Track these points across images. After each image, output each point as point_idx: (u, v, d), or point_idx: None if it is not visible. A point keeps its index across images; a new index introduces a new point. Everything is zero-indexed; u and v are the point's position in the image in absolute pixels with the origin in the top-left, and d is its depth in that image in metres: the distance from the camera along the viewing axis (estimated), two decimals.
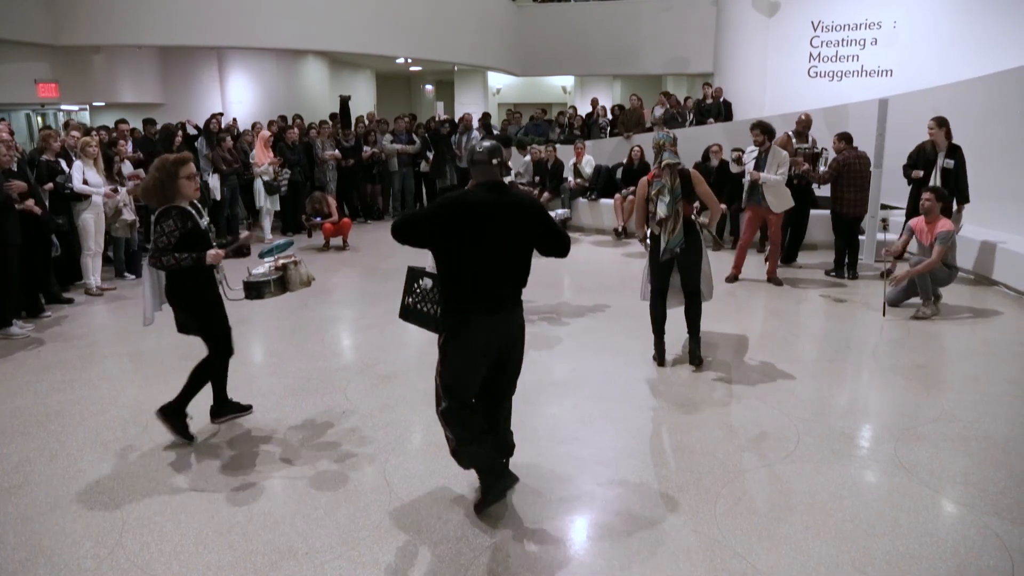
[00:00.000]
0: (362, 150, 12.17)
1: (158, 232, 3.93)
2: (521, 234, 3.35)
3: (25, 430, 4.47)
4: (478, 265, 3.25)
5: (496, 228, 3.24)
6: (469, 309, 3.28)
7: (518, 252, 3.37)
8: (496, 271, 3.29)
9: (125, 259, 8.45)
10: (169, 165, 3.98)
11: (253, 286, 4.24)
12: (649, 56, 16.83)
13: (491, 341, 3.34)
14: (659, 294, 5.41)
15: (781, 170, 7.48)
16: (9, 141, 6.66)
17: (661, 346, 5.49)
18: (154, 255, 3.94)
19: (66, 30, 12.30)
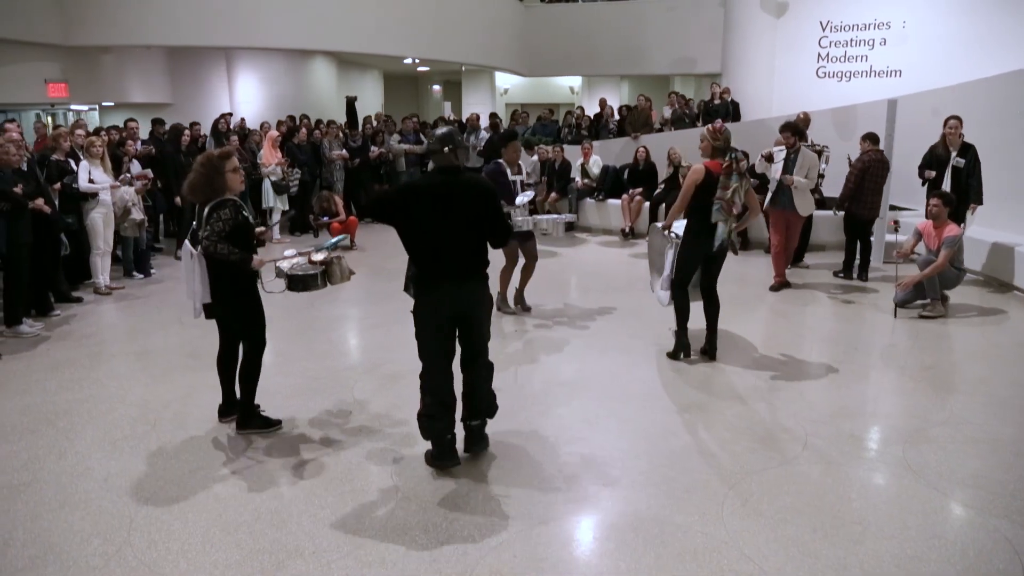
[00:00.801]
0: (369, 150, 12.19)
1: (215, 219, 3.99)
2: (469, 213, 3.71)
3: (34, 428, 4.49)
4: (430, 239, 3.70)
5: (445, 207, 3.67)
6: (425, 278, 3.77)
7: (467, 228, 3.73)
8: (446, 245, 3.69)
9: (134, 258, 8.48)
10: (215, 160, 4.06)
11: (299, 279, 4.28)
12: (656, 56, 16.80)
13: (445, 305, 3.74)
14: (682, 286, 5.44)
15: (810, 173, 7.39)
16: (19, 141, 6.70)
17: (686, 339, 5.54)
18: (208, 240, 3.98)
19: (76, 30, 12.35)
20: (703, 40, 15.96)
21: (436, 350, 3.82)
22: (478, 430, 4.04)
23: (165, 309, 7.18)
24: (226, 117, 11.41)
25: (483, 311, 3.91)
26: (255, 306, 4.28)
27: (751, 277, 8.48)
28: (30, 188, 6.40)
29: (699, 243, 5.26)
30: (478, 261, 3.82)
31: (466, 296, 3.78)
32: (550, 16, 17.80)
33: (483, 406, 4.04)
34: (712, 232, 5.19)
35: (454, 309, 3.77)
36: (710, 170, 5.16)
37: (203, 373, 5.38)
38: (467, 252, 3.76)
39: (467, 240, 3.75)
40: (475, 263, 3.80)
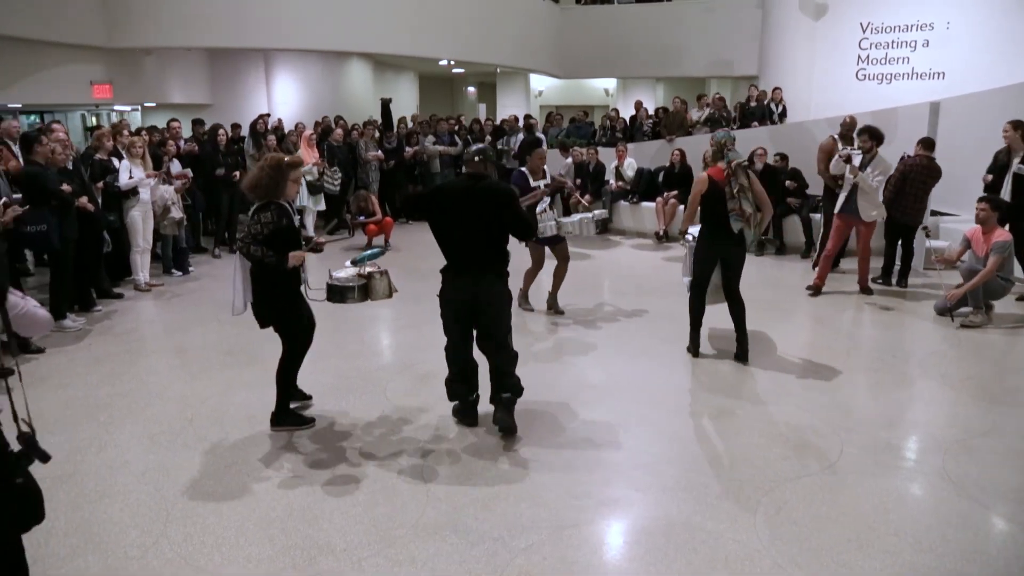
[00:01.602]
0: (404, 151, 12.28)
1: (254, 221, 4.07)
2: (487, 214, 4.13)
3: (76, 421, 4.59)
4: (453, 235, 4.19)
5: (465, 208, 4.13)
6: (449, 268, 4.27)
7: (485, 227, 4.15)
8: (465, 241, 4.16)
9: (173, 256, 8.64)
10: (284, 167, 4.16)
11: (336, 289, 4.36)
12: (692, 58, 16.67)
13: (462, 295, 4.21)
14: (698, 286, 5.57)
15: (880, 178, 7.21)
16: (66, 141, 6.86)
17: (697, 339, 5.70)
18: (244, 240, 4.08)
19: (120, 33, 12.62)
20: (740, 42, 15.80)
21: (455, 330, 4.34)
22: (507, 403, 4.35)
23: (203, 307, 7.30)
24: (264, 118, 11.56)
25: (499, 302, 4.27)
26: (296, 309, 4.34)
27: (786, 281, 8.38)
28: (75, 187, 6.55)
29: (711, 246, 5.43)
30: (495, 257, 4.23)
31: (483, 288, 4.19)
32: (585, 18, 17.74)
33: (508, 383, 4.36)
34: (722, 236, 5.32)
35: (471, 298, 4.20)
36: (712, 177, 5.31)
37: (239, 370, 5.47)
38: (485, 248, 4.18)
39: (485, 238, 4.17)
40: (492, 259, 4.22)
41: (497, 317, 4.28)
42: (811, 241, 9.47)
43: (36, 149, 6.32)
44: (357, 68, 17.01)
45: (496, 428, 4.34)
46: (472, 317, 4.28)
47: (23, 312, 2.42)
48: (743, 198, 5.20)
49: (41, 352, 5.85)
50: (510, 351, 4.37)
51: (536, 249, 6.70)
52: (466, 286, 4.19)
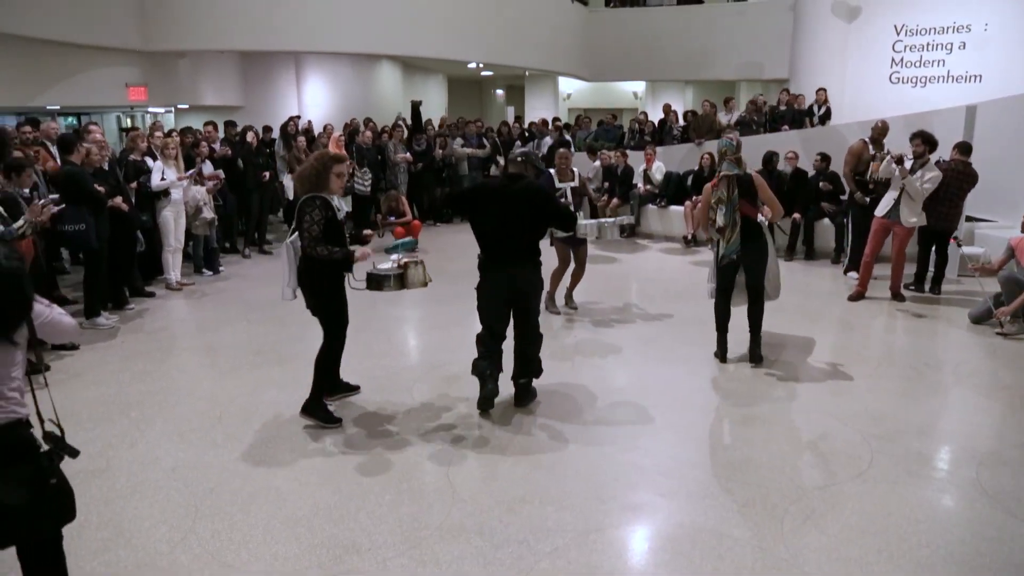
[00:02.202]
0: (433, 153, 12.34)
1: (307, 221, 4.22)
2: (522, 211, 4.44)
3: (109, 417, 4.67)
4: (491, 230, 4.52)
5: (504, 205, 4.45)
6: (487, 260, 4.58)
7: (520, 224, 4.47)
8: (500, 236, 4.48)
9: (204, 256, 8.76)
10: (328, 160, 4.37)
11: (374, 278, 4.57)
12: (722, 61, 16.55)
13: (499, 285, 4.53)
14: (722, 292, 5.62)
15: (928, 186, 7.07)
16: (102, 142, 6.99)
17: (724, 343, 5.68)
18: (308, 244, 4.22)
19: (155, 36, 12.84)
20: (771, 44, 15.64)
21: (492, 318, 4.62)
22: (524, 387, 4.79)
23: (232, 306, 7.39)
24: (295, 120, 11.69)
25: (532, 291, 4.66)
26: (341, 300, 4.50)
27: (816, 287, 8.27)
28: (110, 187, 6.67)
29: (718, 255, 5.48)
30: (529, 250, 4.56)
31: (519, 278, 4.54)
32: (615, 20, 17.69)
33: (530, 368, 4.77)
34: (744, 239, 5.33)
35: (509, 288, 4.54)
36: (713, 188, 5.40)
37: (268, 369, 5.53)
38: (520, 242, 4.51)
39: (520, 232, 4.49)
40: (527, 251, 4.55)
41: (534, 305, 4.71)
42: (841, 247, 9.35)
43: (73, 150, 6.45)
44: (387, 70, 17.13)
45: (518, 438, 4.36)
46: (508, 305, 4.62)
47: (48, 320, 2.48)
48: (718, 209, 5.27)
49: (75, 349, 5.95)
50: (537, 335, 4.75)
51: (562, 248, 6.84)
52: (504, 277, 4.52)
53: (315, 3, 12.67)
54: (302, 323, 6.71)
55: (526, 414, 4.68)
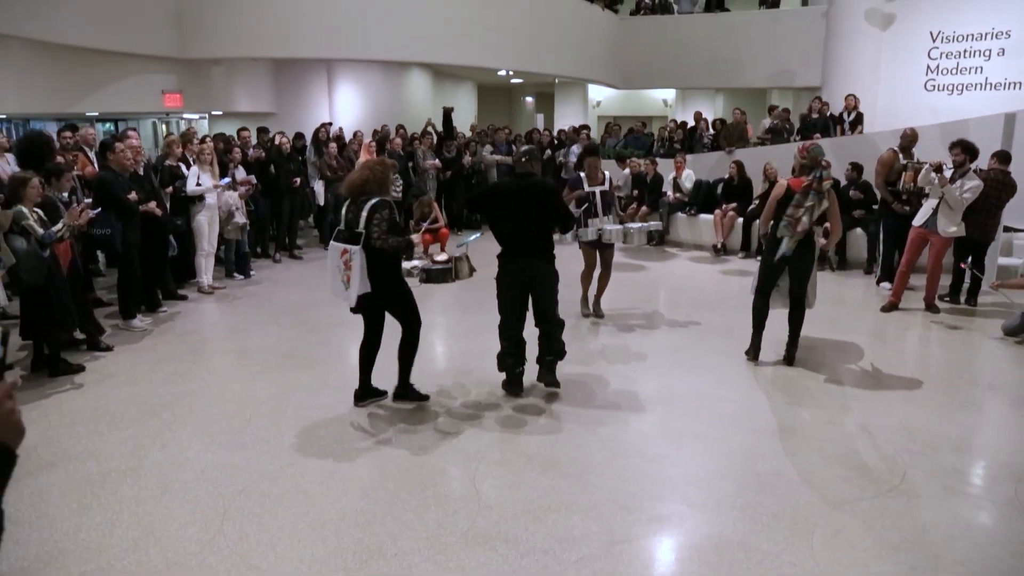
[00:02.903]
0: (462, 160, 12.40)
1: (378, 219, 4.48)
2: (533, 208, 4.86)
3: (141, 418, 4.74)
4: (505, 226, 4.94)
5: (515, 203, 4.88)
6: (504, 253, 4.97)
7: (534, 218, 4.88)
8: (515, 231, 4.89)
9: (235, 260, 8.87)
10: (390, 167, 4.80)
11: (437, 272, 5.08)
12: (753, 69, 16.39)
13: (514, 277, 4.92)
14: (763, 292, 5.71)
15: (967, 195, 6.95)
16: (138, 147, 7.12)
17: (757, 343, 5.82)
18: (381, 238, 4.48)
19: (191, 44, 13.07)
20: (803, 52, 15.45)
21: (509, 308, 5.00)
22: (549, 364, 5.11)
23: (263, 310, 7.47)
24: (326, 127, 11.80)
25: (546, 280, 4.97)
26: (409, 290, 4.84)
27: (850, 298, 8.16)
28: (144, 192, 6.78)
29: (770, 252, 5.57)
30: (542, 243, 4.94)
31: (532, 269, 4.92)
32: (645, 28, 17.61)
33: (553, 347, 5.07)
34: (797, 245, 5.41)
35: (523, 278, 4.93)
36: (791, 187, 5.43)
37: (297, 373, 5.58)
38: (534, 236, 4.90)
39: (534, 227, 4.90)
40: (539, 244, 4.93)
41: (548, 292, 5.00)
42: (874, 257, 9.21)
43: (108, 156, 6.58)
44: (417, 78, 17.25)
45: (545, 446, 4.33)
46: (525, 295, 4.99)
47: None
48: (807, 214, 5.30)
49: (110, 350, 6.06)
50: (557, 320, 5.06)
51: (588, 252, 6.96)
52: (517, 267, 4.92)
53: (347, 12, 12.80)
54: (330, 327, 6.80)
55: (552, 422, 4.67)
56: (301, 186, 10.20)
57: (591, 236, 6.61)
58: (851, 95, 12.39)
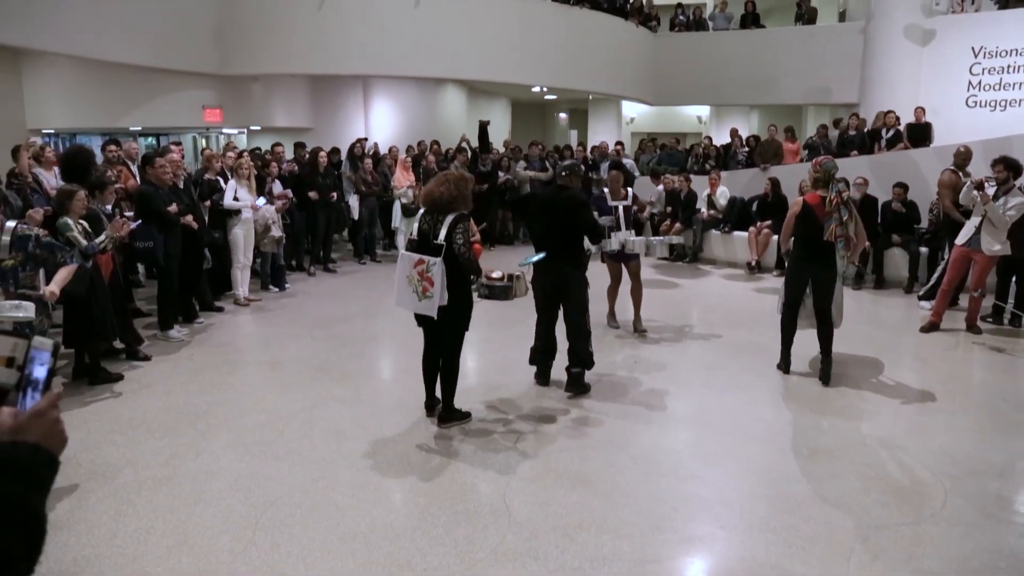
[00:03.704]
0: (497, 175, 12.45)
1: (461, 230, 4.57)
2: (561, 218, 5.27)
3: (176, 427, 4.81)
4: (538, 232, 5.47)
5: (547, 211, 5.35)
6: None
7: (564, 228, 5.28)
8: (546, 237, 5.33)
9: (271, 273, 8.99)
10: (469, 181, 4.80)
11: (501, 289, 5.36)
12: (789, 85, 16.27)
13: (542, 279, 5.40)
14: (790, 307, 5.79)
15: (1011, 213, 6.79)
16: (179, 162, 7.27)
17: (787, 356, 5.92)
18: (464, 249, 4.56)
19: (231, 60, 13.35)
20: (840, 68, 15.31)
21: (540, 307, 5.51)
22: (575, 376, 5.40)
23: (297, 323, 7.55)
24: (361, 142, 11.94)
25: (572, 286, 5.32)
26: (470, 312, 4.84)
27: (885, 317, 8.03)
28: (183, 205, 6.92)
29: (802, 269, 5.68)
30: (568, 251, 5.33)
31: (556, 274, 5.31)
32: (680, 45, 17.59)
33: (577, 359, 5.37)
34: (813, 259, 5.57)
35: (551, 282, 5.35)
36: (807, 203, 5.56)
37: (330, 386, 5.62)
38: (564, 244, 5.29)
39: (563, 236, 5.28)
40: (567, 251, 5.32)
41: (574, 298, 5.32)
42: (915, 276, 9.04)
43: (148, 170, 6.72)
44: (452, 94, 17.40)
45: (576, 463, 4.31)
46: (554, 297, 5.38)
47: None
48: (850, 226, 5.40)
49: (148, 360, 6.17)
50: (583, 329, 5.34)
51: (611, 265, 7.14)
52: (550, 273, 5.32)
53: (383, 29, 12.99)
54: (364, 341, 6.85)
55: (583, 439, 4.64)
56: (337, 201, 10.32)
57: (614, 247, 6.77)
58: (890, 111, 12.21)
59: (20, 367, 1.26)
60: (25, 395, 1.23)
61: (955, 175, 7.89)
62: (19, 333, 1.31)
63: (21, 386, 1.24)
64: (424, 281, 4.54)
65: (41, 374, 1.26)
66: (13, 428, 1.16)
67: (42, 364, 1.27)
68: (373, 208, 11.19)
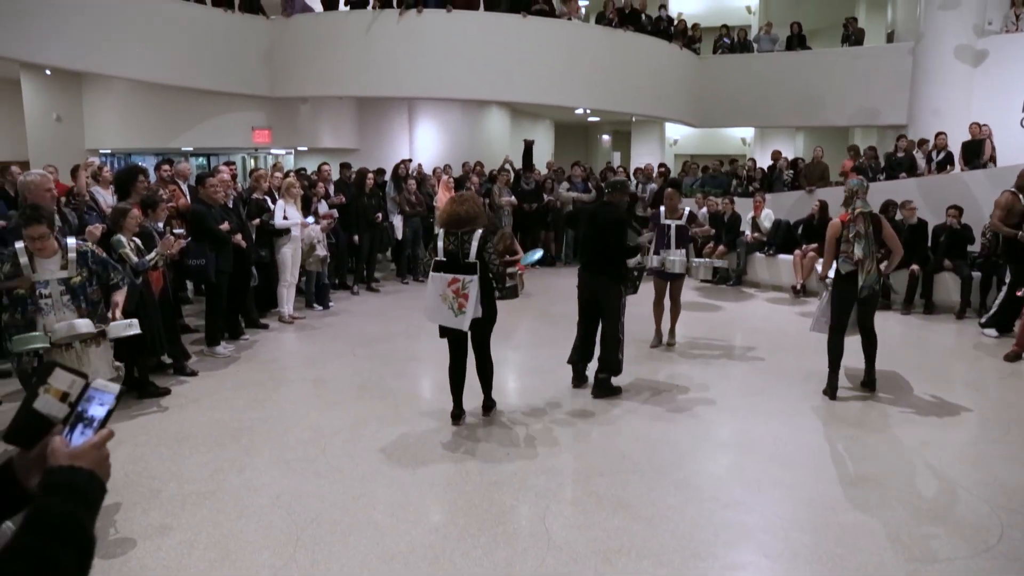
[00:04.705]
0: (542, 195, 12.50)
1: (490, 246, 5.02)
2: (600, 232, 5.73)
3: (221, 442, 4.89)
4: (582, 244, 5.99)
5: (589, 224, 5.85)
6: (580, 268, 5.95)
7: (603, 241, 5.72)
8: (588, 249, 5.84)
9: (315, 291, 9.12)
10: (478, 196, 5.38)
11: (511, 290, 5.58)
12: (835, 107, 16.04)
13: (586, 287, 5.85)
14: (838, 330, 5.81)
15: None
16: (229, 182, 7.45)
17: (835, 380, 5.86)
18: (495, 260, 5.01)
19: (280, 83, 13.69)
20: (888, 90, 15.06)
21: (580, 314, 5.96)
22: (600, 380, 5.77)
23: (340, 341, 7.64)
24: (405, 163, 12.11)
25: (606, 296, 5.73)
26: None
27: (937, 343, 7.82)
28: (234, 223, 7.08)
29: (846, 289, 5.74)
30: (608, 263, 5.71)
31: (593, 283, 5.79)
32: (725, 67, 17.48)
33: (608, 365, 5.74)
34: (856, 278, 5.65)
35: (588, 291, 5.84)
36: (843, 222, 5.76)
37: (372, 404, 5.66)
38: (602, 256, 5.73)
39: (601, 248, 5.73)
40: (606, 263, 5.72)
41: (608, 307, 5.73)
42: (967, 302, 8.80)
43: (199, 189, 6.91)
44: (495, 116, 17.55)
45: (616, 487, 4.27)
46: (591, 303, 5.82)
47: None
48: (856, 243, 5.58)
49: (195, 375, 6.29)
50: (614, 338, 5.72)
51: (656, 283, 7.33)
52: (588, 282, 5.81)
53: (429, 52, 13.19)
54: (405, 360, 6.90)
55: (624, 462, 4.58)
56: (381, 221, 10.46)
57: (655, 264, 6.99)
58: (941, 133, 11.97)
59: (72, 403, 1.32)
60: (74, 430, 1.29)
61: (1014, 196, 7.67)
62: (79, 372, 1.39)
63: (69, 421, 1.30)
64: (460, 298, 4.84)
65: (99, 413, 1.32)
66: (72, 454, 1.24)
67: (102, 404, 1.33)
68: (417, 228, 11.31)
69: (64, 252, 4.05)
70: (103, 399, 1.32)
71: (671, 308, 7.33)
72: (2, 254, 4.04)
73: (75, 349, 3.75)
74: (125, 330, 3.86)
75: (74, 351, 3.75)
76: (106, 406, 1.32)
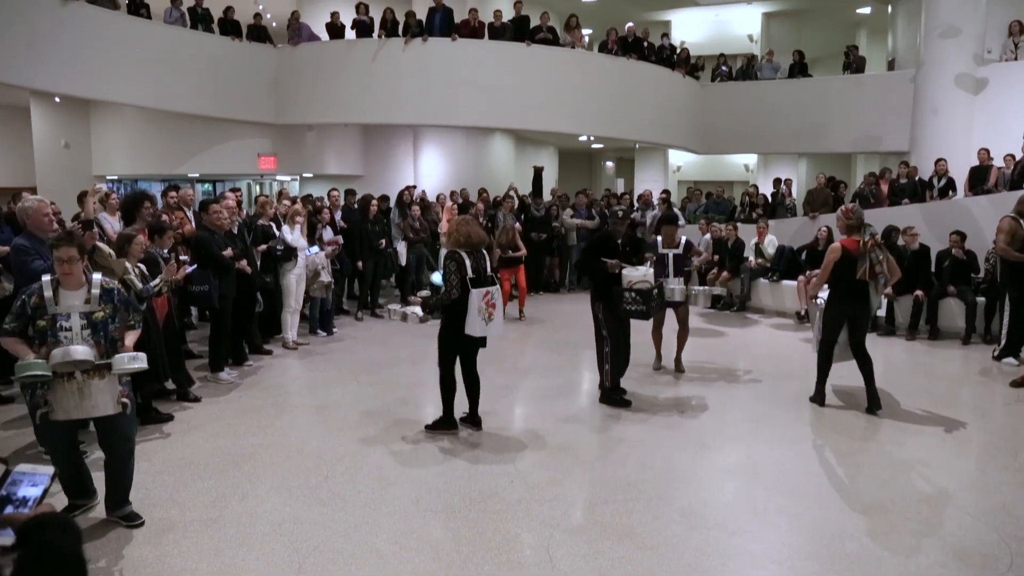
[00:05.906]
0: (551, 222, 12.54)
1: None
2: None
3: (223, 468, 4.87)
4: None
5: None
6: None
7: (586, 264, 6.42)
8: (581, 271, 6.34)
9: (319, 317, 9.13)
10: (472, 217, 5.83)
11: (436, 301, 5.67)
12: (838, 134, 16.13)
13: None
14: (827, 344, 6.13)
15: None
16: (233, 208, 7.50)
17: (822, 390, 6.25)
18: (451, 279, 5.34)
19: (286, 111, 13.83)
20: (890, 117, 15.14)
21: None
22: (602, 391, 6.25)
23: (344, 367, 7.63)
24: (410, 189, 12.17)
25: (595, 314, 6.18)
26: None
27: (942, 369, 7.78)
28: (238, 250, 7.11)
29: (841, 309, 6.03)
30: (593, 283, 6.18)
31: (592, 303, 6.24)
32: (728, 94, 17.61)
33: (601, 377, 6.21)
34: (851, 299, 5.95)
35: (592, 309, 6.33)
36: (845, 247, 5.93)
37: (375, 431, 5.64)
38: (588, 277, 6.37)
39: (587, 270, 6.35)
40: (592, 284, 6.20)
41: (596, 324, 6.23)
42: (972, 327, 8.77)
43: (204, 216, 6.95)
44: (499, 142, 17.68)
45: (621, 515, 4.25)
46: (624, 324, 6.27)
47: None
48: (882, 266, 5.83)
49: (198, 401, 6.28)
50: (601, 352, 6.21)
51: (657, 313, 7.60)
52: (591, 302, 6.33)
53: (433, 80, 13.33)
54: (408, 386, 6.89)
55: (628, 490, 4.55)
56: (385, 247, 10.49)
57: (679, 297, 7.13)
58: (942, 160, 12.02)
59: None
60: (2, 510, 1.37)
61: (1015, 222, 7.67)
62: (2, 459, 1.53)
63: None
64: (489, 308, 5.26)
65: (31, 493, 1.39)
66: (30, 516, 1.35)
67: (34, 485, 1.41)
68: (420, 254, 11.34)
69: (89, 287, 4.04)
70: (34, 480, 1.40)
71: (679, 333, 7.39)
72: (30, 289, 4.01)
73: (76, 380, 3.72)
74: (130, 363, 3.84)
75: (75, 382, 3.72)
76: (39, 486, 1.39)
